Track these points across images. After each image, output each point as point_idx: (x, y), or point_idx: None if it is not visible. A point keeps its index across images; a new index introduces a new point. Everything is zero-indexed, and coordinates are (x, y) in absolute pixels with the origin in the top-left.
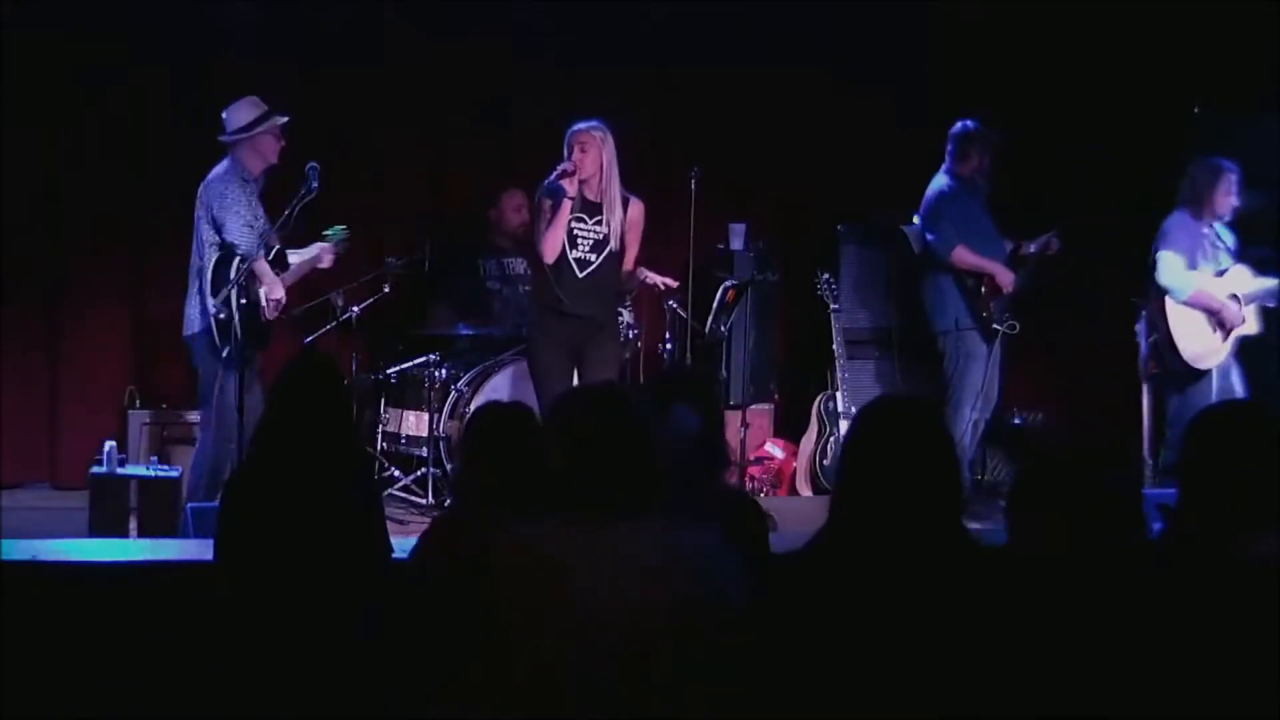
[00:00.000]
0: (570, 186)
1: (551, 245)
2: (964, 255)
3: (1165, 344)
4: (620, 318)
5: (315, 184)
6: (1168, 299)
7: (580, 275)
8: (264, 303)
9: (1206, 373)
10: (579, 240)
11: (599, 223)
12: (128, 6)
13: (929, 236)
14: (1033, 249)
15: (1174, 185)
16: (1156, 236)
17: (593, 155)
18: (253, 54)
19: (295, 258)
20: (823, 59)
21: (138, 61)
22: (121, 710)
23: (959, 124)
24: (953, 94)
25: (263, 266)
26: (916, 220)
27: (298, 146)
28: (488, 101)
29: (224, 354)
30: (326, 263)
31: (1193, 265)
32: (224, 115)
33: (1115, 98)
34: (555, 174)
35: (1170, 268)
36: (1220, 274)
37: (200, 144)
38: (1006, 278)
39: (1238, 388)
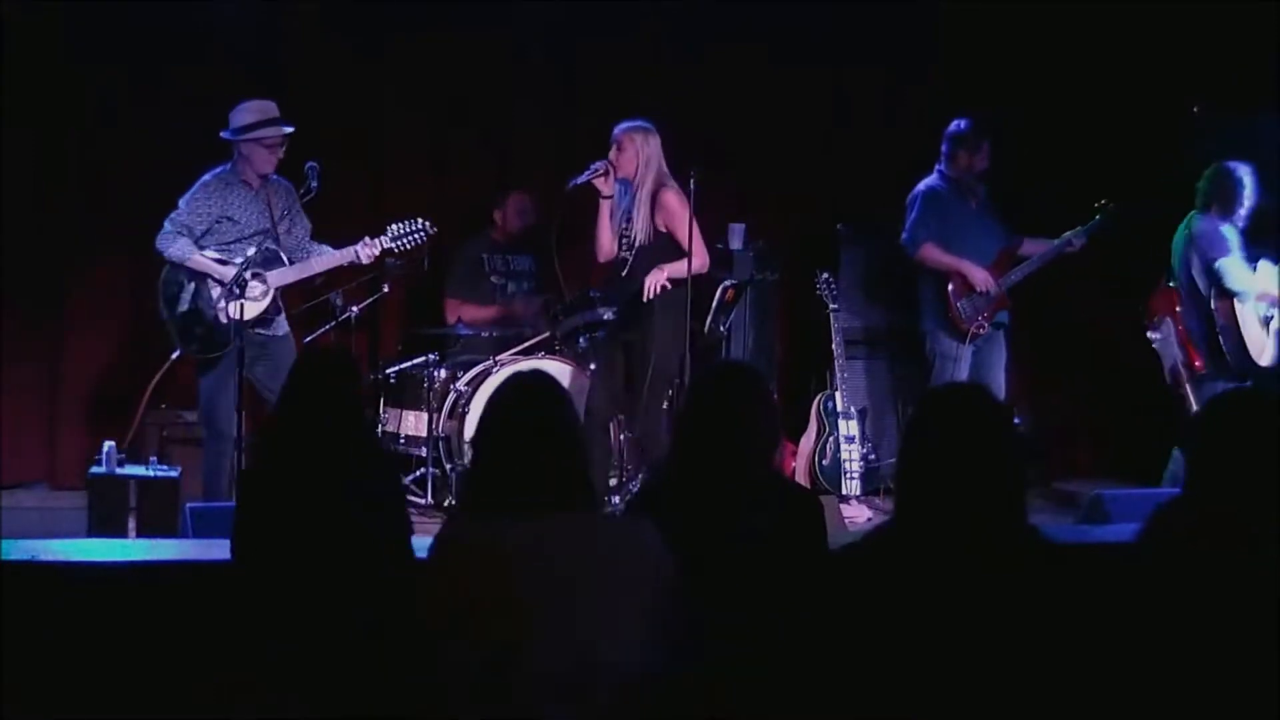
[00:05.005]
0: (605, 187)
1: (599, 247)
2: (930, 253)
3: (1236, 346)
4: (667, 315)
5: (315, 183)
6: (1236, 302)
7: (624, 275)
8: (219, 304)
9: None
10: (622, 240)
11: (633, 221)
12: (128, 6)
13: (902, 235)
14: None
15: (1173, 185)
16: (1196, 244)
17: (629, 155)
18: (253, 53)
19: (328, 258)
20: (823, 59)
21: (138, 61)
22: (121, 710)
23: (953, 123)
24: (953, 94)
25: (201, 261)
26: None
27: (297, 146)
28: (488, 101)
29: (175, 355)
30: (365, 259)
31: None
32: (230, 114)
33: (1115, 98)
34: (587, 173)
35: (1236, 273)
36: (1254, 270)
37: (200, 143)
38: (978, 276)
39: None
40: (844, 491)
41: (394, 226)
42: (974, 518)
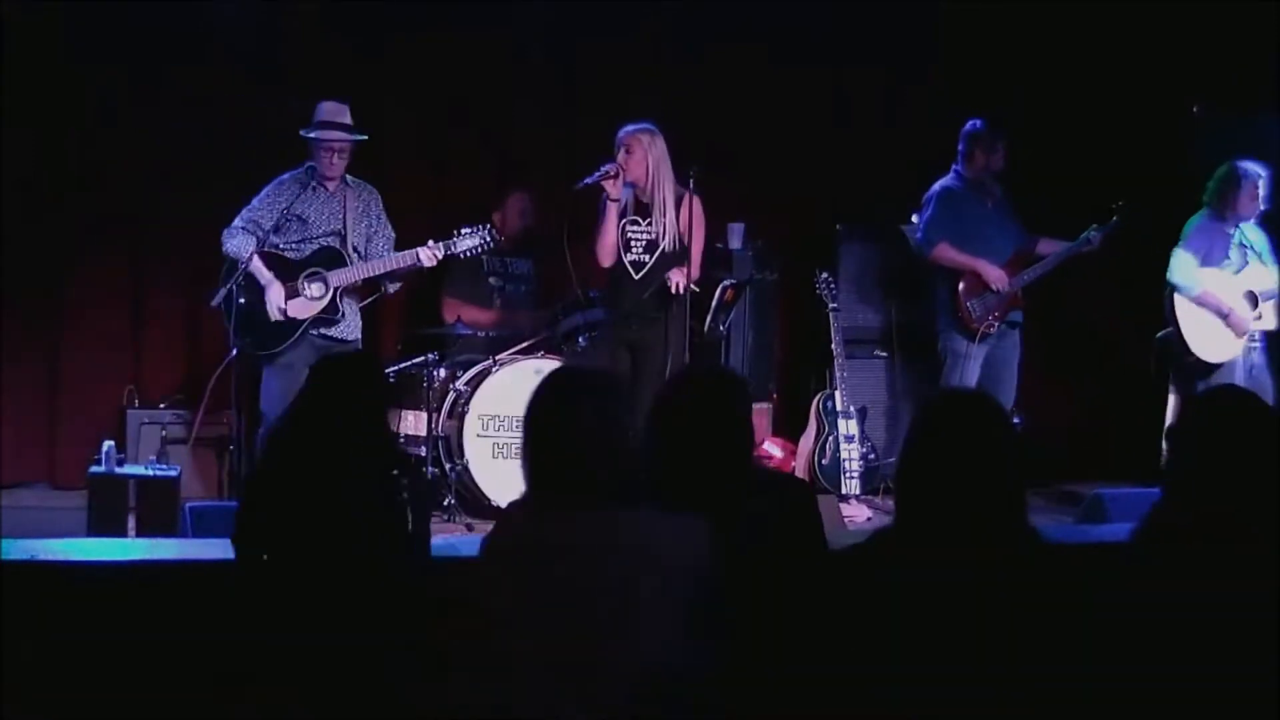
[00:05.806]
0: (614, 189)
1: (603, 249)
2: (944, 252)
3: (1175, 338)
4: (679, 316)
5: (313, 184)
6: (1176, 294)
7: (636, 277)
8: (269, 304)
9: (1225, 367)
10: (632, 243)
11: (650, 224)
12: (128, 6)
13: (917, 234)
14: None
15: (1171, 186)
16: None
17: (638, 157)
18: (253, 53)
19: (390, 259)
20: (823, 59)
21: (138, 61)
22: (121, 710)
23: (968, 123)
24: (953, 94)
25: (256, 265)
26: (915, 219)
27: (296, 145)
28: (488, 101)
29: (233, 353)
30: (426, 261)
31: (1208, 264)
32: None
33: (1115, 98)
34: (597, 174)
35: (1181, 265)
36: (1238, 272)
37: (200, 143)
38: (993, 275)
39: (1266, 381)
40: (844, 491)
41: (462, 231)
42: (974, 518)
